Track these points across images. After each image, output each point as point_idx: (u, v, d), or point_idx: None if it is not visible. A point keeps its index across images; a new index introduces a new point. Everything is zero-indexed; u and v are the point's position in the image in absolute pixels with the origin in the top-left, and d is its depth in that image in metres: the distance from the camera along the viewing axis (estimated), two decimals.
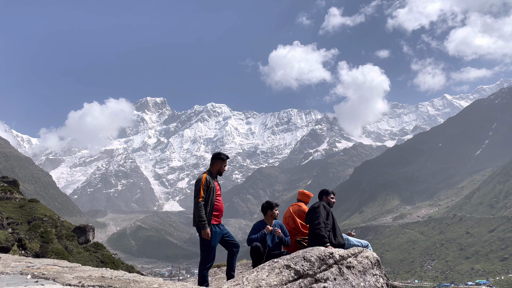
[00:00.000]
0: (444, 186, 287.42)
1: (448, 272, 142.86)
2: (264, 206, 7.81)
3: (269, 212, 7.71)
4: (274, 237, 7.48)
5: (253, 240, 7.32)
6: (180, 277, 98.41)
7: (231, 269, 7.11)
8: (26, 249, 27.49)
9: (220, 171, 7.27)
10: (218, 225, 7.03)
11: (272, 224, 7.61)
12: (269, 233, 7.43)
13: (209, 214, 6.86)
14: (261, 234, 7.37)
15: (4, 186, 44.77)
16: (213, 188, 7.00)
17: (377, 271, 6.50)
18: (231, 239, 7.20)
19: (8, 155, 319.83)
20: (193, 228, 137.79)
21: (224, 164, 7.29)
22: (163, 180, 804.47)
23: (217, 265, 11.86)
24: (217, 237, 6.95)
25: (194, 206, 6.86)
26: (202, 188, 6.86)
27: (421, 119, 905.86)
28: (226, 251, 7.19)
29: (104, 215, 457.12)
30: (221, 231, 7.04)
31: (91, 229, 40.84)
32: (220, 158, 7.29)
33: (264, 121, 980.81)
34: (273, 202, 7.88)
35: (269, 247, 7.30)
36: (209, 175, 7.10)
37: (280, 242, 7.51)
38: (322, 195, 8.16)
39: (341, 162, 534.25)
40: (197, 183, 6.98)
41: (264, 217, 7.79)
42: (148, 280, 4.85)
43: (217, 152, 7.43)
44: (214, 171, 7.25)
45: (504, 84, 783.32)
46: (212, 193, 6.96)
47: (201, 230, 6.73)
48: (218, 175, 7.30)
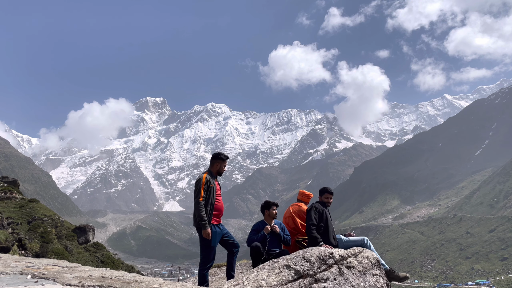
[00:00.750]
0: (444, 186, 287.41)
1: (448, 272, 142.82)
2: (262, 206, 7.82)
3: (266, 212, 7.71)
4: (274, 237, 7.45)
5: (253, 241, 7.31)
6: (180, 277, 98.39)
7: (231, 269, 7.08)
8: (26, 249, 27.49)
9: (220, 171, 7.26)
10: (218, 225, 7.02)
11: (272, 223, 7.59)
12: (268, 233, 7.41)
13: (209, 214, 6.85)
14: (261, 235, 7.36)
15: (4, 186, 44.76)
16: (213, 188, 6.99)
17: (377, 271, 6.51)
18: (231, 239, 7.18)
19: (8, 155, 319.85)
20: (193, 228, 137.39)
21: (224, 164, 7.28)
22: (163, 180, 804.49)
23: (217, 265, 11.86)
24: (217, 237, 6.93)
25: (194, 206, 6.85)
26: (202, 188, 6.85)
27: (421, 119, 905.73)
28: (226, 251, 7.18)
29: (104, 215, 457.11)
30: (221, 231, 7.02)
31: (91, 229, 40.83)
32: (219, 158, 7.29)
33: (264, 121, 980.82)
34: (271, 201, 7.87)
35: (269, 247, 7.27)
36: (209, 175, 7.09)
37: (279, 240, 7.48)
38: (319, 194, 8.21)
39: (341, 162, 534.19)
40: (197, 183, 6.97)
41: (264, 217, 7.79)
42: (148, 280, 4.87)
43: (217, 152, 7.42)
44: (214, 171, 7.24)
45: (504, 84, 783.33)
46: (212, 193, 6.95)
47: (202, 230, 6.72)
48: (218, 175, 7.29)
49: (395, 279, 7.35)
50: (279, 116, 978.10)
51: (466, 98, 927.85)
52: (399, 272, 7.41)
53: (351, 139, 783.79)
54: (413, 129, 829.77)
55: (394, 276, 7.30)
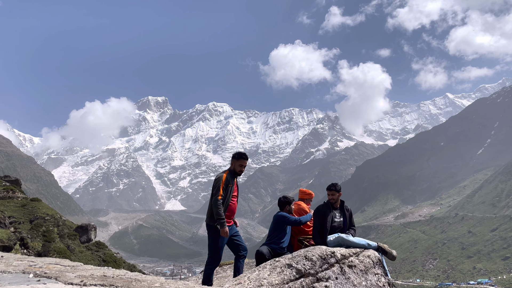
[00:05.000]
0: (446, 185, 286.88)
1: (450, 271, 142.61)
2: (283, 202, 7.80)
3: (287, 207, 7.72)
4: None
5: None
6: (182, 276, 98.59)
7: (238, 273, 6.95)
8: (28, 248, 27.57)
9: (235, 170, 7.22)
10: (229, 226, 7.03)
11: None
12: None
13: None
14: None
15: (6, 185, 44.87)
16: (231, 189, 6.99)
17: (379, 270, 6.53)
18: (239, 240, 7.16)
19: (10, 155, 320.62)
20: (195, 227, 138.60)
21: (239, 163, 7.21)
22: (165, 179, 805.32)
23: (219, 264, 11.87)
24: (225, 237, 6.90)
25: (213, 204, 6.82)
26: (222, 187, 6.86)
27: (423, 118, 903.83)
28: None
29: (106, 214, 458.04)
30: (230, 231, 7.03)
31: (93, 228, 40.91)
32: (233, 157, 7.34)
33: (265, 120, 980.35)
34: (291, 197, 7.89)
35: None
36: (229, 175, 7.09)
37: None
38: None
39: (343, 161, 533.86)
40: (216, 181, 6.97)
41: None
42: (150, 279, 4.87)
43: (235, 152, 7.47)
44: (232, 170, 7.25)
45: (506, 83, 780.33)
46: (229, 193, 6.96)
47: (220, 228, 6.70)
48: (236, 175, 7.26)
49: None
50: (280, 115, 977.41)
51: (468, 97, 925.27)
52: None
53: (353, 138, 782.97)
54: (415, 128, 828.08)
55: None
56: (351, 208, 8.18)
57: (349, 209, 7.83)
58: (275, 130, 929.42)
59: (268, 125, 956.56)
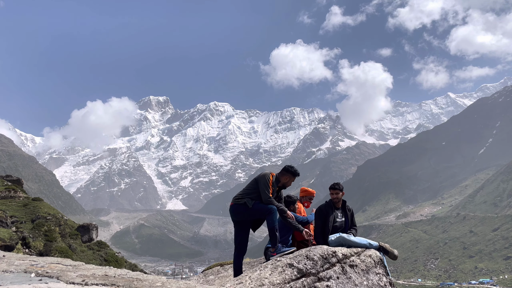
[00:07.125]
0: (448, 185, 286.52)
1: (452, 271, 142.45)
2: (287, 201, 7.82)
3: (291, 207, 7.79)
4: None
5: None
6: (183, 276, 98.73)
7: (239, 270, 6.90)
8: (30, 247, 27.64)
9: (286, 185, 7.07)
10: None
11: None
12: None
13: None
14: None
15: (8, 185, 44.96)
16: (273, 191, 6.81)
17: (380, 270, 6.52)
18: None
19: (12, 154, 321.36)
20: (196, 227, 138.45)
21: (293, 180, 7.05)
22: (166, 178, 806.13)
23: (220, 264, 11.87)
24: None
25: (264, 199, 6.58)
26: (271, 185, 6.64)
27: (425, 117, 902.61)
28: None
29: (107, 214, 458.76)
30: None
31: (94, 227, 41.00)
32: (291, 172, 7.02)
33: (267, 120, 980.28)
34: (294, 196, 7.95)
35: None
36: (274, 179, 6.86)
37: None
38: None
39: (344, 161, 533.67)
40: (263, 178, 6.71)
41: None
42: (151, 279, 4.88)
43: (292, 166, 7.18)
44: (281, 181, 7.03)
45: (508, 83, 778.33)
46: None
47: (283, 214, 6.66)
48: (282, 187, 7.09)
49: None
50: (281, 114, 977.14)
51: (470, 97, 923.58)
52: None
53: (354, 137, 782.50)
54: (417, 127, 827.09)
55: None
56: (352, 207, 8.13)
57: (350, 208, 7.76)
58: (276, 130, 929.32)
59: (269, 125, 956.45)
